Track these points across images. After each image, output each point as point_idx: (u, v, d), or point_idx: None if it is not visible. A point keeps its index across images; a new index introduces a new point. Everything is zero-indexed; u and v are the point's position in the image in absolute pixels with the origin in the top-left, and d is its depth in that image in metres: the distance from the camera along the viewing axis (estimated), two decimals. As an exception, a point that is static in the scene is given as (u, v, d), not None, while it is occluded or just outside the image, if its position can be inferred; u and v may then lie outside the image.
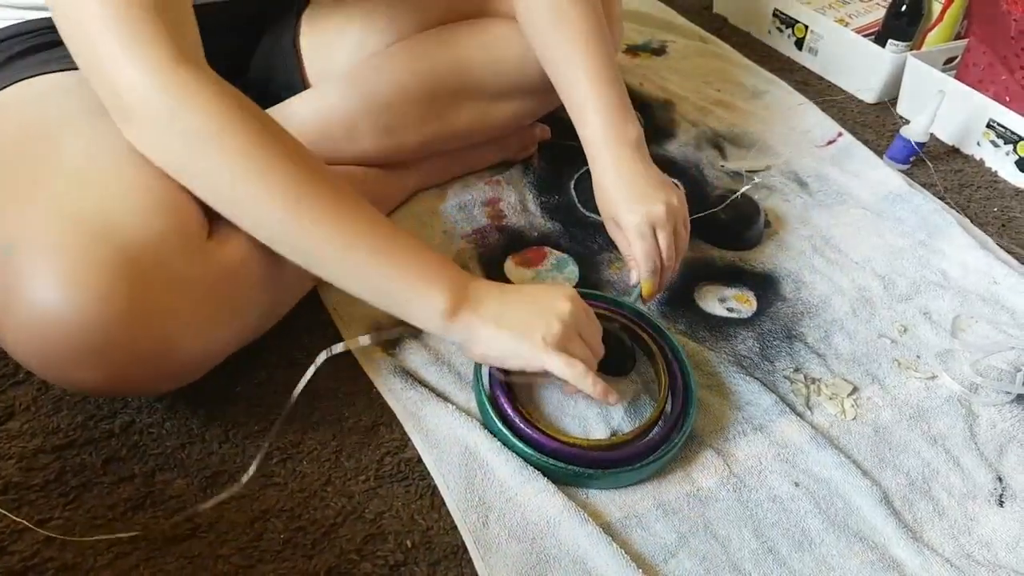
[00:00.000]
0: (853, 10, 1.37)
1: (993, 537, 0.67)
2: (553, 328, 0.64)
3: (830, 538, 0.65)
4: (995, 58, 1.14)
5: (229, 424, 0.69)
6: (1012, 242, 1.00)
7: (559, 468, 0.66)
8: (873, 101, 1.28)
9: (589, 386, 0.64)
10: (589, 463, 0.66)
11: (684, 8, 1.51)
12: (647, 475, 0.68)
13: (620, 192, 0.78)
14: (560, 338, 0.64)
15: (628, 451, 0.67)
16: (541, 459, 0.66)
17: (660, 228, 0.77)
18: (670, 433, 0.69)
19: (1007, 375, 0.81)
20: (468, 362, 0.76)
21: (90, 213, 0.55)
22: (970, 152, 1.16)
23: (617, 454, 0.67)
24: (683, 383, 0.73)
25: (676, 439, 0.69)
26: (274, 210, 0.58)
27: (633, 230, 0.77)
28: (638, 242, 0.77)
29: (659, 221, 0.77)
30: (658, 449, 0.68)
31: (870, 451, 0.73)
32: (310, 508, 0.63)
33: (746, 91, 1.26)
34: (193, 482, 0.64)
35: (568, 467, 0.66)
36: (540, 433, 0.67)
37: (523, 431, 0.68)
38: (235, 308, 0.64)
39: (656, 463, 0.67)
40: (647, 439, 0.69)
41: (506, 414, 0.69)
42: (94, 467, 0.65)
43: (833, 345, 0.83)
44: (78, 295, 0.53)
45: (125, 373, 0.57)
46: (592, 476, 0.66)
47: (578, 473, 0.66)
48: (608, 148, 0.79)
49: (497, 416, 0.69)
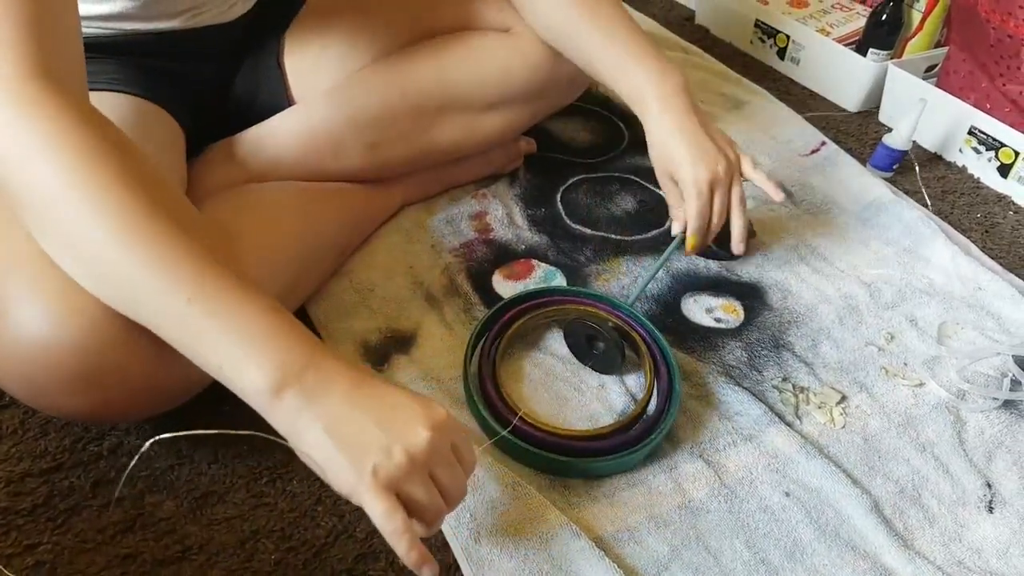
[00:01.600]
0: (834, 20, 1.38)
1: (984, 544, 0.67)
2: (393, 460, 0.50)
3: (822, 547, 0.65)
4: (975, 65, 1.15)
5: (218, 444, 0.68)
6: (995, 247, 1.01)
7: (535, 455, 0.67)
8: (855, 110, 1.29)
9: (402, 549, 0.50)
10: (564, 451, 0.68)
11: (666, 20, 1.52)
12: (623, 468, 0.69)
13: (680, 148, 0.77)
14: (395, 476, 0.51)
15: (606, 443, 0.69)
16: (517, 444, 0.67)
17: (719, 188, 0.77)
18: (651, 428, 0.70)
19: (994, 381, 0.81)
20: (459, 378, 0.76)
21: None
22: (952, 159, 1.17)
23: (595, 445, 0.69)
24: (668, 384, 0.74)
25: (654, 436, 0.69)
26: (91, 230, 0.50)
27: (692, 187, 0.76)
28: (694, 200, 0.77)
29: (718, 180, 0.77)
30: (638, 443, 0.69)
31: (860, 459, 0.73)
32: (300, 528, 0.63)
33: (729, 101, 1.27)
34: (183, 504, 0.64)
35: (543, 453, 0.67)
36: (521, 421, 0.68)
37: (501, 413, 0.70)
38: None
39: (633, 455, 0.68)
40: (627, 434, 0.70)
41: (490, 398, 0.71)
42: (82, 490, 0.64)
43: (821, 354, 0.83)
44: (65, 321, 0.52)
45: (113, 399, 0.57)
46: (567, 465, 0.67)
47: (552, 460, 0.67)
48: (659, 100, 0.78)
49: (481, 399, 0.71)
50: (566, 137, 1.14)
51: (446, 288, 0.87)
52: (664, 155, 0.80)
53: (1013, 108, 1.10)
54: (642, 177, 1.06)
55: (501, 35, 0.89)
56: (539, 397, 0.75)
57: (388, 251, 0.90)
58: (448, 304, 0.85)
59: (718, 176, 0.77)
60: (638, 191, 1.05)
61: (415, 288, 0.86)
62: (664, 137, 0.79)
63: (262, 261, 0.70)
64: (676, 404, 0.72)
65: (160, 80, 0.76)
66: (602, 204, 1.02)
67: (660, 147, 0.80)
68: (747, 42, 1.44)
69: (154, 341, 0.56)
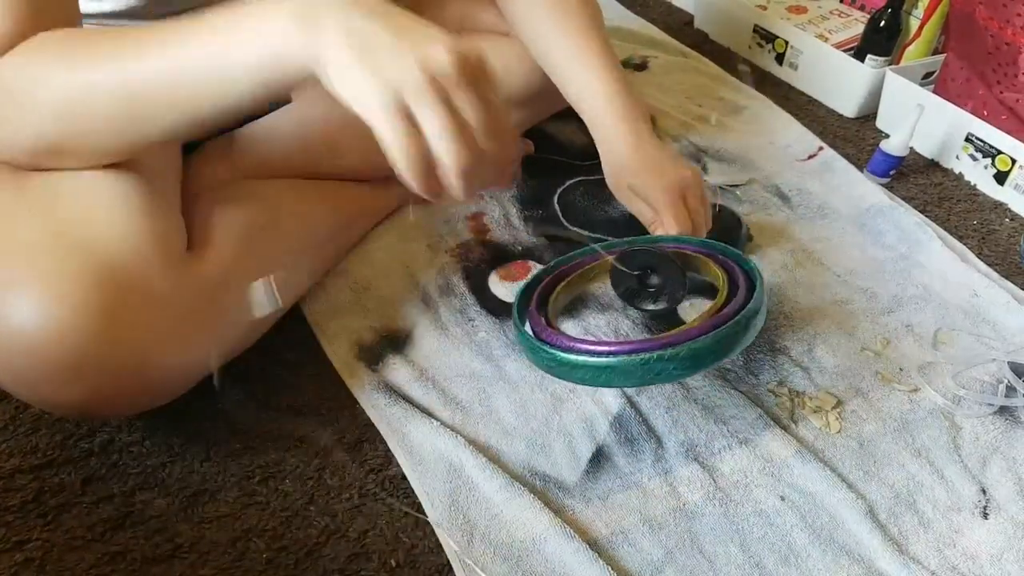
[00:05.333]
0: (832, 26, 1.38)
1: (978, 549, 0.67)
2: (405, 77, 0.46)
3: (816, 552, 0.65)
4: (972, 73, 1.15)
5: (210, 442, 0.68)
6: (992, 254, 1.01)
7: (632, 361, 0.60)
8: (853, 115, 1.29)
9: (414, 171, 0.47)
10: (664, 345, 0.60)
11: (666, 24, 1.52)
12: (726, 351, 0.62)
13: (642, 162, 0.77)
14: (409, 94, 0.46)
15: (704, 327, 0.62)
16: (611, 360, 0.60)
17: (690, 194, 0.76)
18: (743, 306, 0.65)
19: (989, 387, 0.81)
20: (453, 378, 0.76)
21: (65, 228, 0.54)
22: (949, 166, 1.18)
23: (693, 331, 0.62)
24: (744, 274, 0.69)
25: (751, 306, 0.63)
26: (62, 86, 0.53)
27: (661, 198, 0.76)
28: (669, 208, 0.76)
29: (689, 187, 0.76)
30: (734, 318, 0.63)
31: (855, 464, 0.73)
32: (293, 527, 0.63)
33: (727, 106, 1.27)
34: (174, 501, 0.64)
35: (643, 356, 0.59)
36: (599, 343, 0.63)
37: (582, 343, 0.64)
38: (215, 324, 0.63)
39: (738, 336, 0.62)
40: (718, 318, 0.64)
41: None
42: (73, 487, 0.64)
43: (816, 358, 0.83)
44: (54, 312, 0.52)
45: (102, 392, 0.56)
46: (670, 357, 0.59)
47: (650, 361, 0.59)
48: (623, 122, 0.79)
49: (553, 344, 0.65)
50: (564, 139, 1.14)
51: (442, 288, 0.86)
52: (621, 170, 0.79)
53: (1010, 115, 1.10)
54: (639, 180, 1.06)
55: (500, 38, 0.89)
56: (534, 397, 0.75)
57: (384, 250, 0.90)
58: (444, 304, 0.84)
59: (687, 183, 0.77)
60: (635, 194, 1.04)
61: (411, 288, 0.86)
62: (623, 153, 0.79)
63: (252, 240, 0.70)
64: (760, 280, 0.67)
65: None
66: (599, 206, 1.02)
67: (617, 164, 0.80)
68: (745, 47, 1.44)
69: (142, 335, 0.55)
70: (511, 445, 0.71)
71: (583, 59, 0.81)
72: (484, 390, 0.76)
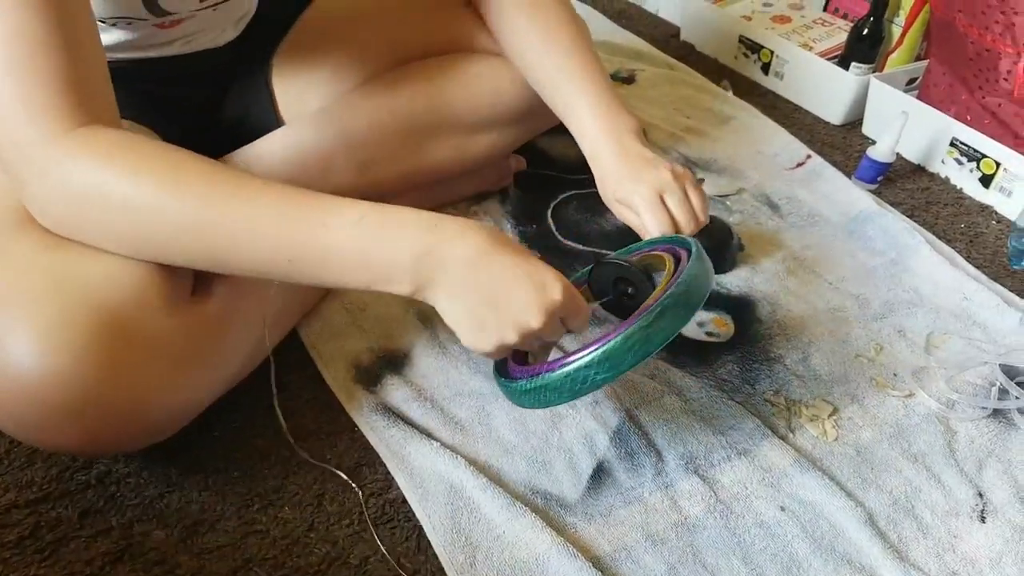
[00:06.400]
0: (816, 35, 1.39)
1: (977, 554, 0.68)
2: (508, 343, 0.59)
3: (818, 562, 0.65)
4: (955, 79, 1.16)
5: (208, 471, 0.68)
6: (980, 257, 1.02)
7: (558, 376, 0.59)
8: (839, 123, 1.30)
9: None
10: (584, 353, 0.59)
11: (652, 37, 1.53)
12: (644, 346, 0.59)
13: (621, 172, 0.77)
14: (509, 348, 0.60)
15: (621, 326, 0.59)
16: (543, 379, 0.60)
17: (668, 194, 0.75)
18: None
19: (982, 390, 0.82)
20: (452, 398, 0.76)
21: (66, 272, 0.54)
22: (935, 170, 1.19)
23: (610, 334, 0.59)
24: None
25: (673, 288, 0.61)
26: (180, 231, 0.55)
27: (640, 202, 0.75)
28: (648, 214, 0.75)
29: (666, 187, 0.75)
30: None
31: (853, 472, 0.73)
32: (293, 555, 0.62)
33: (715, 117, 1.28)
34: (173, 532, 0.63)
35: (565, 369, 0.59)
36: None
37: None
38: (214, 362, 0.63)
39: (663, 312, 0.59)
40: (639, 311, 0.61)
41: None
42: (70, 521, 0.63)
43: (811, 366, 0.83)
44: (53, 355, 0.52)
45: (102, 434, 0.56)
46: (587, 364, 0.58)
47: (571, 372, 0.59)
48: (606, 135, 0.79)
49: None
50: (556, 154, 1.15)
51: (437, 307, 0.86)
52: (607, 185, 0.79)
53: (992, 120, 1.12)
54: (630, 193, 1.07)
55: (492, 58, 0.90)
56: (533, 414, 0.75)
57: (378, 271, 0.90)
58: (441, 322, 0.84)
59: (663, 183, 0.76)
60: (626, 207, 1.05)
61: (407, 307, 0.86)
62: (607, 168, 0.79)
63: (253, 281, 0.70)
64: (693, 256, 0.64)
65: (149, 103, 0.75)
66: (592, 220, 1.02)
67: (603, 179, 0.80)
68: (732, 58, 1.45)
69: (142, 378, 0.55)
70: (512, 463, 0.71)
71: (568, 75, 0.81)
72: (483, 408, 0.75)
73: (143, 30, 0.71)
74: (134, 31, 0.70)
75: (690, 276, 0.62)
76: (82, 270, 0.55)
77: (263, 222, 0.55)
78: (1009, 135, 1.10)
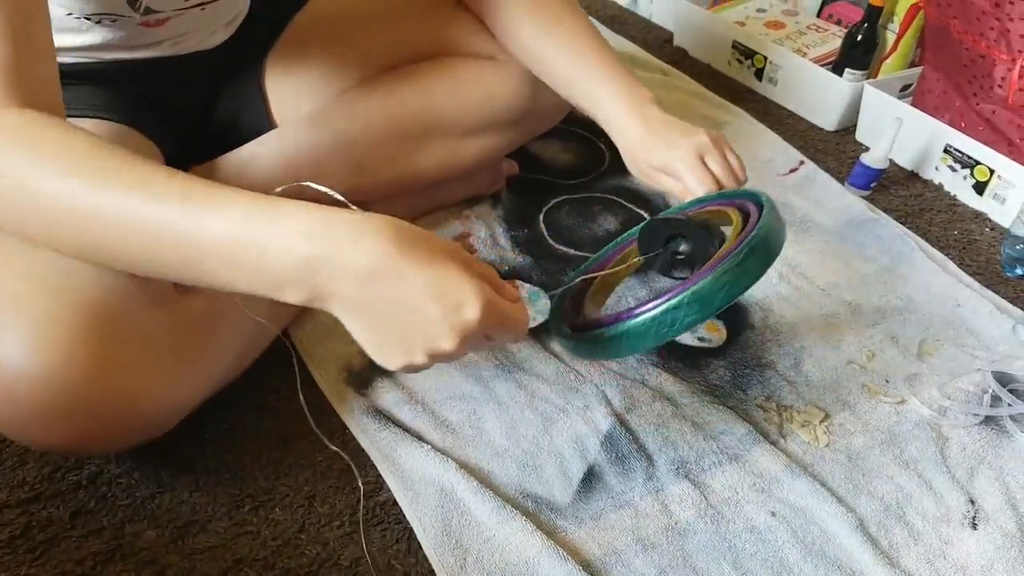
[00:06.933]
0: (810, 41, 1.40)
1: (968, 560, 0.68)
2: (419, 363, 0.51)
3: (808, 568, 0.65)
4: (949, 85, 1.17)
5: (199, 472, 0.68)
6: (973, 264, 1.03)
7: (642, 321, 0.60)
8: (833, 129, 1.31)
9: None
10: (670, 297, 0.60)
11: (645, 42, 1.54)
12: (734, 285, 0.60)
13: (656, 138, 0.77)
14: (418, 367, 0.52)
15: (704, 270, 0.61)
16: (625, 325, 0.61)
17: (709, 155, 0.75)
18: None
19: (974, 397, 0.82)
20: (443, 401, 0.76)
21: (52, 269, 0.54)
22: (929, 177, 1.19)
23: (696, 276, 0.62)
24: (758, 208, 0.67)
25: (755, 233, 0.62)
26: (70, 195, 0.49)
27: (681, 165, 0.75)
28: (690, 174, 0.74)
29: (706, 148, 0.75)
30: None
31: (844, 478, 0.73)
32: (284, 557, 0.62)
33: (709, 123, 1.28)
34: (164, 533, 0.63)
35: (652, 313, 0.60)
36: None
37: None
38: (203, 359, 0.63)
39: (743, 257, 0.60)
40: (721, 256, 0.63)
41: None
42: (61, 521, 0.63)
43: (803, 372, 0.84)
44: (41, 353, 0.52)
45: (91, 431, 0.56)
46: (676, 306, 0.59)
47: (657, 315, 0.60)
48: (630, 110, 0.79)
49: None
50: (548, 158, 1.15)
51: (430, 310, 0.86)
52: (639, 152, 0.79)
53: (987, 126, 1.12)
54: (624, 197, 1.07)
55: (485, 62, 0.90)
56: (524, 418, 0.75)
57: (371, 274, 0.90)
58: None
59: (704, 144, 0.76)
60: (620, 211, 1.05)
61: (399, 311, 0.86)
62: (637, 138, 0.78)
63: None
64: (768, 209, 0.65)
65: (140, 105, 0.75)
66: (585, 224, 1.02)
67: (633, 149, 0.79)
68: (725, 63, 1.46)
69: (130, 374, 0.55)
70: (502, 467, 0.71)
71: (582, 65, 0.81)
72: (474, 412, 0.76)
73: (128, 28, 0.70)
74: (119, 29, 0.70)
75: (770, 218, 0.64)
76: (67, 268, 0.55)
77: (141, 214, 0.48)
78: (1003, 142, 1.10)
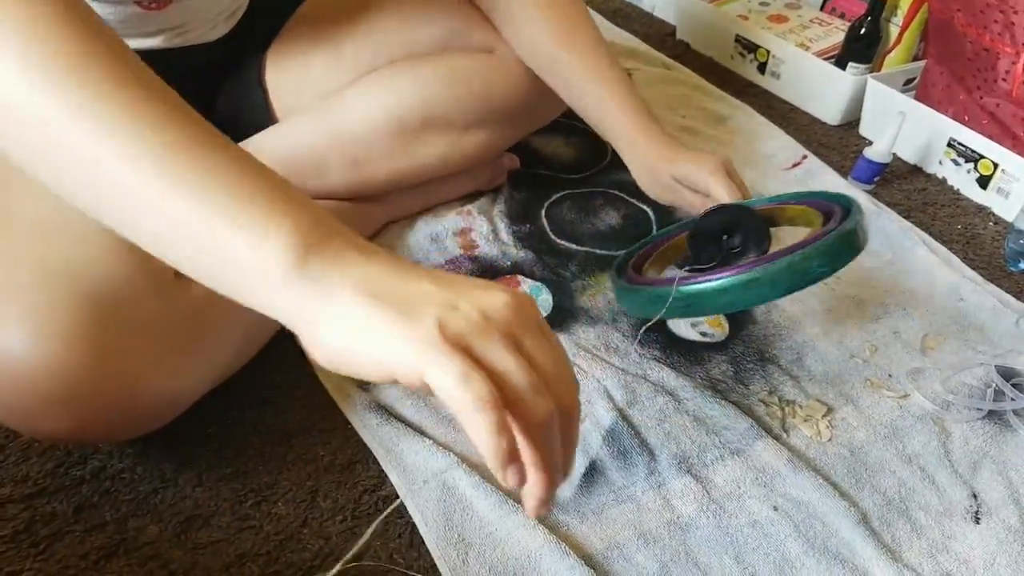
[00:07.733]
0: (813, 34, 1.39)
1: (971, 554, 0.68)
2: (461, 312, 0.38)
3: (811, 562, 0.65)
4: (952, 79, 1.16)
5: (202, 467, 0.68)
6: (976, 258, 1.02)
7: (777, 267, 0.65)
8: (836, 123, 1.30)
9: (485, 431, 0.36)
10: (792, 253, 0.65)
11: (647, 35, 1.53)
12: (850, 248, 0.67)
13: (670, 154, 0.83)
14: (466, 331, 0.38)
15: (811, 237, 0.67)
16: (754, 272, 0.65)
17: (731, 169, 0.81)
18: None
19: (977, 391, 0.82)
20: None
21: (52, 257, 0.54)
22: (932, 171, 1.19)
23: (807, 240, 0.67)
24: (841, 207, 0.72)
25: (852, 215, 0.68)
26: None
27: (711, 176, 0.79)
28: (719, 184, 0.79)
29: (728, 165, 0.81)
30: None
31: (847, 472, 0.73)
32: (287, 551, 0.62)
33: (711, 116, 1.28)
34: (167, 528, 0.63)
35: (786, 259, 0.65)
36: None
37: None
38: (205, 348, 0.63)
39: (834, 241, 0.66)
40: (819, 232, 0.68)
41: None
42: (65, 515, 0.63)
43: (806, 366, 0.83)
44: (45, 346, 0.52)
45: (93, 420, 0.56)
46: (810, 255, 0.64)
47: (794, 261, 0.64)
48: (642, 126, 0.84)
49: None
50: (549, 153, 1.15)
51: (432, 305, 0.86)
52: (661, 163, 0.83)
53: (991, 120, 1.12)
54: (626, 192, 1.07)
55: (484, 55, 0.90)
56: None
57: (373, 269, 0.90)
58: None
59: (725, 159, 0.82)
60: (622, 206, 1.05)
61: (401, 306, 0.86)
62: (658, 152, 0.83)
63: None
64: (856, 207, 0.70)
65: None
66: (587, 219, 1.02)
67: (652, 161, 0.84)
68: (728, 57, 1.45)
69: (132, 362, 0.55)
70: (504, 462, 0.71)
71: (594, 74, 0.85)
72: (476, 407, 0.75)
73: (126, 11, 0.70)
74: (117, 12, 0.70)
75: (861, 217, 0.69)
76: (68, 256, 0.55)
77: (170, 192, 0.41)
78: (1007, 136, 1.10)
